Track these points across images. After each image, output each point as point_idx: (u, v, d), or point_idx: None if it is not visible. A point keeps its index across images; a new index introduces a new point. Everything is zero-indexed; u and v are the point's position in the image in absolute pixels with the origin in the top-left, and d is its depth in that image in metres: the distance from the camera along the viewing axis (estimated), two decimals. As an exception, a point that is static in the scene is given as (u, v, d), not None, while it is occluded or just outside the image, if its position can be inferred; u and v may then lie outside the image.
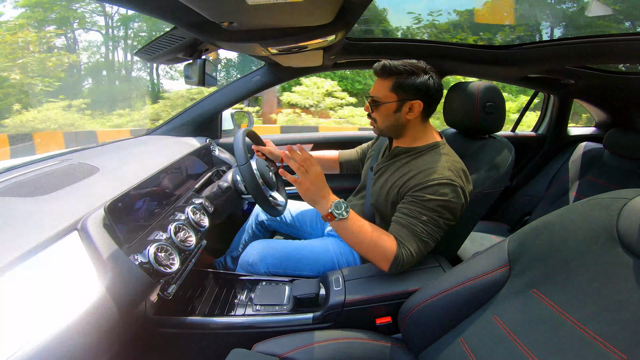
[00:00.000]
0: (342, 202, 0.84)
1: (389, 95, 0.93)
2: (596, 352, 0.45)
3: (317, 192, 0.83)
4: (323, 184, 0.84)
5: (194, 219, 0.94)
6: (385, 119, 0.97)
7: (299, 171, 0.82)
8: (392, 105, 0.94)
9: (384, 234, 0.86)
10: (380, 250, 0.84)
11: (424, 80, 0.91)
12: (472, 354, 0.61)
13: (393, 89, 0.93)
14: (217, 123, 1.73)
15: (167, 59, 1.20)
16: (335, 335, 0.81)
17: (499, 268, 0.66)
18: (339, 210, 0.83)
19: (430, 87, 0.92)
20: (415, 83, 0.91)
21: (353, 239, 0.85)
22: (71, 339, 0.53)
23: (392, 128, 0.98)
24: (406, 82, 0.91)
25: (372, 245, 0.84)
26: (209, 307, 0.94)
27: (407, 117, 0.94)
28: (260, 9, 0.68)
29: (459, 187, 0.86)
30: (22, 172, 0.85)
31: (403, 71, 0.91)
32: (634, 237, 0.47)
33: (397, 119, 0.95)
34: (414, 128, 0.97)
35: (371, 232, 0.85)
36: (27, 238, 0.58)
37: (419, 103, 0.92)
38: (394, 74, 0.92)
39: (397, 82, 0.92)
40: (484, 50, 1.35)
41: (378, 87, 0.96)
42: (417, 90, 0.92)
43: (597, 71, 1.49)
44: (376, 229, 0.87)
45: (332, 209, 0.83)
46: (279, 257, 1.10)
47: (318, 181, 0.83)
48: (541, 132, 2.09)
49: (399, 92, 0.92)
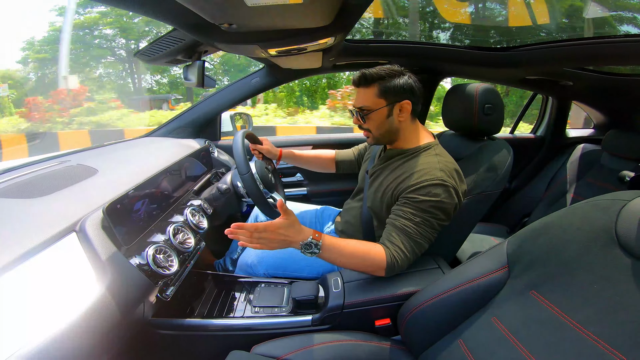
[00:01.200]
0: (311, 242, 0.78)
1: (378, 101, 0.93)
2: (596, 354, 0.45)
3: (283, 243, 0.77)
4: (281, 234, 0.76)
5: (193, 221, 0.94)
6: (379, 126, 0.96)
7: (256, 244, 0.75)
8: (383, 111, 0.93)
9: (370, 247, 0.86)
10: (370, 263, 0.85)
11: (406, 80, 0.93)
12: (471, 356, 0.61)
13: (380, 95, 0.92)
14: (217, 125, 1.73)
15: (166, 60, 1.20)
16: (334, 337, 0.81)
17: (498, 270, 0.66)
18: (309, 250, 0.79)
19: (413, 86, 0.93)
20: (399, 84, 0.92)
21: (339, 263, 0.84)
22: (70, 341, 0.53)
23: (387, 134, 0.98)
24: (391, 85, 0.91)
25: (360, 262, 0.85)
26: (207, 309, 0.94)
27: (399, 119, 0.95)
28: (259, 11, 0.68)
29: (451, 187, 0.87)
30: (21, 173, 0.85)
31: (385, 75, 0.91)
32: (632, 239, 0.47)
33: (391, 123, 0.95)
34: (406, 130, 0.98)
35: (355, 251, 0.84)
36: (26, 239, 0.58)
37: (408, 102, 0.93)
38: (377, 80, 0.92)
39: (381, 87, 0.92)
40: (483, 52, 1.35)
41: (363, 97, 0.95)
42: (404, 91, 0.92)
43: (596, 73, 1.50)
44: (360, 244, 0.86)
45: (302, 251, 0.79)
46: (278, 259, 1.09)
47: (275, 235, 0.75)
48: (540, 133, 2.09)
49: (387, 96, 0.92)
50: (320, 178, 1.83)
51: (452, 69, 1.56)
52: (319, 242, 0.79)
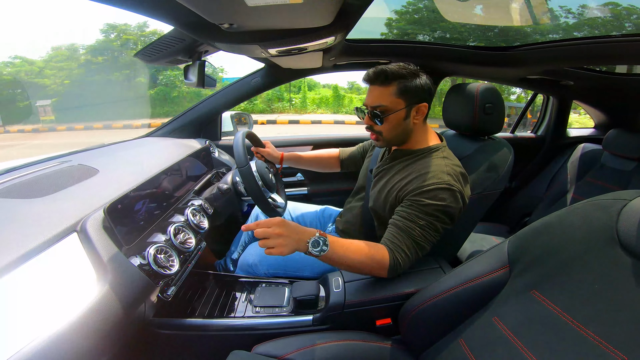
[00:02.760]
0: (319, 238, 0.76)
1: (396, 101, 0.88)
2: (596, 353, 0.45)
3: (292, 242, 0.74)
4: (291, 230, 0.75)
5: (194, 221, 0.94)
6: (394, 128, 0.91)
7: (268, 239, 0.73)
8: (401, 113, 0.88)
9: (373, 248, 0.83)
10: (373, 263, 0.82)
11: (425, 81, 0.89)
12: (472, 355, 0.61)
13: (399, 94, 0.87)
14: (217, 125, 1.74)
15: (166, 60, 1.20)
16: (335, 337, 0.81)
17: (498, 269, 0.66)
18: (316, 248, 0.76)
19: (431, 87, 0.91)
20: (419, 84, 0.88)
21: (342, 264, 0.81)
22: (70, 341, 0.53)
23: (400, 137, 0.94)
24: (412, 85, 0.87)
25: (363, 262, 0.81)
26: (208, 309, 0.94)
27: (414, 121, 0.91)
28: (259, 11, 0.68)
29: (457, 191, 0.85)
30: (22, 173, 0.85)
31: (406, 74, 0.87)
32: (633, 239, 0.47)
33: (406, 126, 0.91)
34: (417, 132, 0.95)
35: (358, 250, 0.82)
36: (27, 240, 0.58)
37: (425, 105, 0.90)
38: (397, 78, 0.87)
39: (401, 86, 0.87)
40: (483, 51, 1.35)
41: (379, 95, 0.89)
42: (423, 92, 0.89)
43: (596, 72, 1.50)
44: (363, 244, 0.83)
45: (310, 249, 0.76)
46: (279, 259, 1.09)
47: (286, 231, 0.74)
48: (540, 133, 2.09)
49: (407, 97, 0.88)
50: (320, 178, 1.83)
51: (452, 68, 1.55)
52: (326, 238, 0.78)
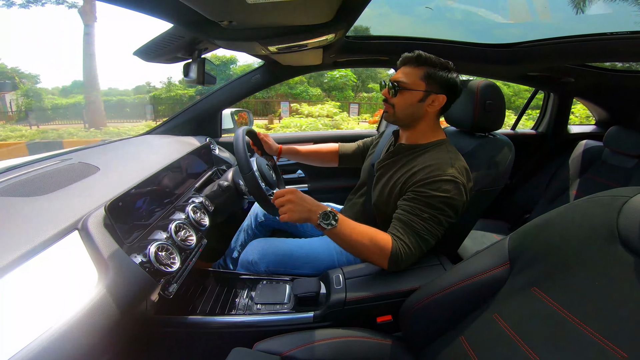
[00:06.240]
0: (330, 212, 0.82)
1: (418, 83, 0.93)
2: (596, 350, 0.45)
3: (303, 211, 0.82)
4: (304, 200, 0.83)
5: (195, 218, 0.94)
6: (406, 106, 0.96)
7: (282, 206, 0.83)
8: (418, 94, 0.93)
9: (378, 233, 0.86)
10: (376, 248, 0.83)
11: (454, 77, 0.94)
12: (472, 352, 0.61)
13: (424, 78, 0.93)
14: (217, 122, 1.73)
15: (166, 58, 1.20)
16: (336, 333, 0.81)
17: (499, 266, 0.66)
18: (326, 221, 0.81)
19: (457, 85, 0.95)
20: (446, 77, 0.93)
21: (347, 242, 0.84)
22: (72, 339, 0.53)
23: (409, 117, 0.98)
24: (438, 75, 0.92)
25: (367, 244, 0.83)
26: (209, 306, 0.94)
27: (427, 109, 0.95)
28: (259, 8, 0.68)
29: (461, 184, 0.87)
30: (23, 171, 0.85)
31: (438, 64, 0.92)
32: (634, 236, 0.47)
33: (418, 109, 0.95)
34: (427, 122, 0.98)
35: (364, 232, 0.84)
36: (28, 238, 0.58)
37: (443, 97, 0.94)
38: (428, 64, 0.92)
39: (429, 72, 0.92)
40: (484, 48, 1.34)
41: (407, 73, 0.95)
42: (446, 84, 0.93)
43: (597, 69, 1.49)
44: (369, 228, 0.86)
45: (320, 221, 0.81)
46: (280, 256, 1.10)
47: (299, 200, 0.82)
48: (541, 130, 2.09)
49: (429, 83, 0.93)
50: (321, 174, 1.83)
51: None
52: (337, 214, 0.82)
